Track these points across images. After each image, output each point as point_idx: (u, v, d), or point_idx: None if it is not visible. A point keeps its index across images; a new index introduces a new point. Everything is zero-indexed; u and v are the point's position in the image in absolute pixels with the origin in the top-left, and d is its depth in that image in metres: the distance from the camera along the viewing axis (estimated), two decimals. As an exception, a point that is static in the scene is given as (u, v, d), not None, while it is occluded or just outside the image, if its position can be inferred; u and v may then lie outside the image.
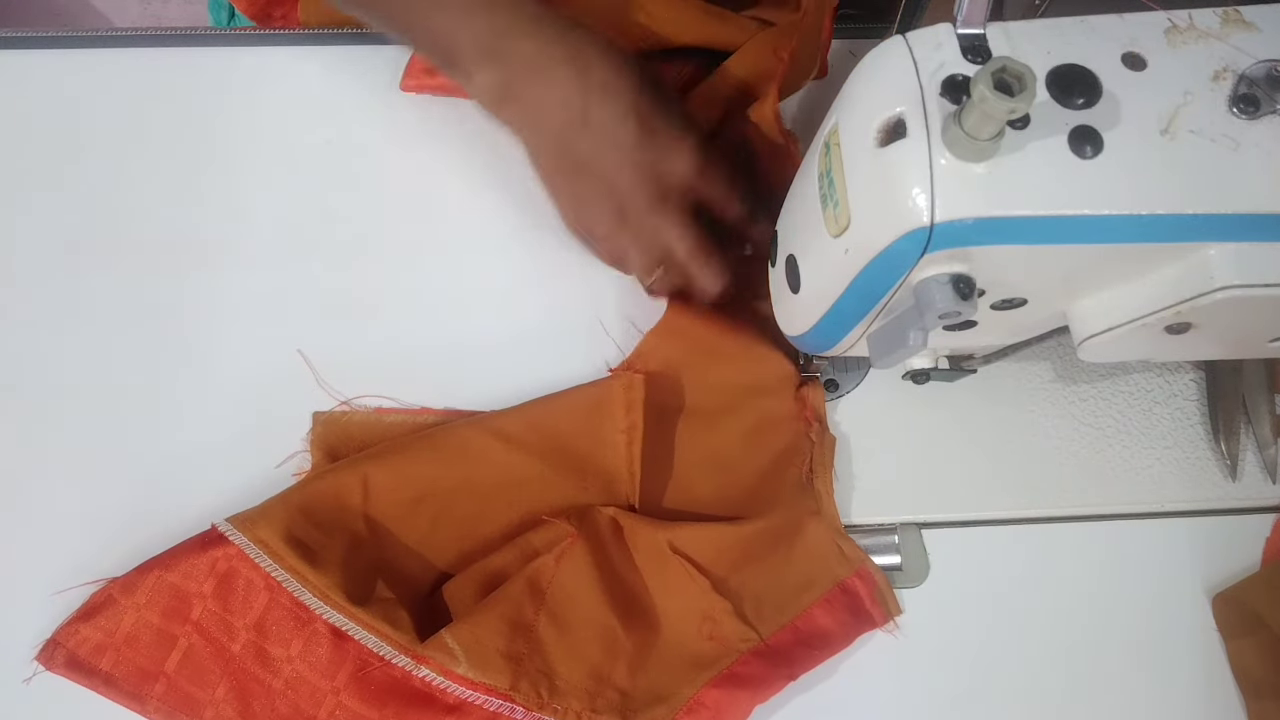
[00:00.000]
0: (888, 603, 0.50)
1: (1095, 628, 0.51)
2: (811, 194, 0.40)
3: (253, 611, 0.46)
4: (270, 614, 0.46)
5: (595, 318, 0.55)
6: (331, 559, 0.47)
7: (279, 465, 0.51)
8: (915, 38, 0.36)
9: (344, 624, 0.46)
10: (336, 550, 0.47)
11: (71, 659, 0.46)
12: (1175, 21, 0.36)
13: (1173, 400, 0.55)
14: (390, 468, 0.49)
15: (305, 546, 0.47)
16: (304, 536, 0.47)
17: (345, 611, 0.46)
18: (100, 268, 0.54)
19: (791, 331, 0.48)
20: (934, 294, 0.35)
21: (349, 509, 0.48)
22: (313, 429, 0.51)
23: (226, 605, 0.46)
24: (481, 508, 0.50)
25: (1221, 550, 0.52)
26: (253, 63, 0.59)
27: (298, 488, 0.49)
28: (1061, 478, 0.53)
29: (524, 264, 0.56)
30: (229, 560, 0.46)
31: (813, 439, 0.52)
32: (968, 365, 0.52)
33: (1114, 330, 0.40)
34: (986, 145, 0.33)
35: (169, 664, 0.46)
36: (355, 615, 0.46)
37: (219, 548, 0.46)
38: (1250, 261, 0.35)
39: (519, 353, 0.54)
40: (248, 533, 0.46)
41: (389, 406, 0.52)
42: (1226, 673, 0.50)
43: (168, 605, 0.46)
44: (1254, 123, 0.35)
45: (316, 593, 0.46)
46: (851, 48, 0.61)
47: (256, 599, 0.46)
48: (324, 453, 0.51)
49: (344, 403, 0.52)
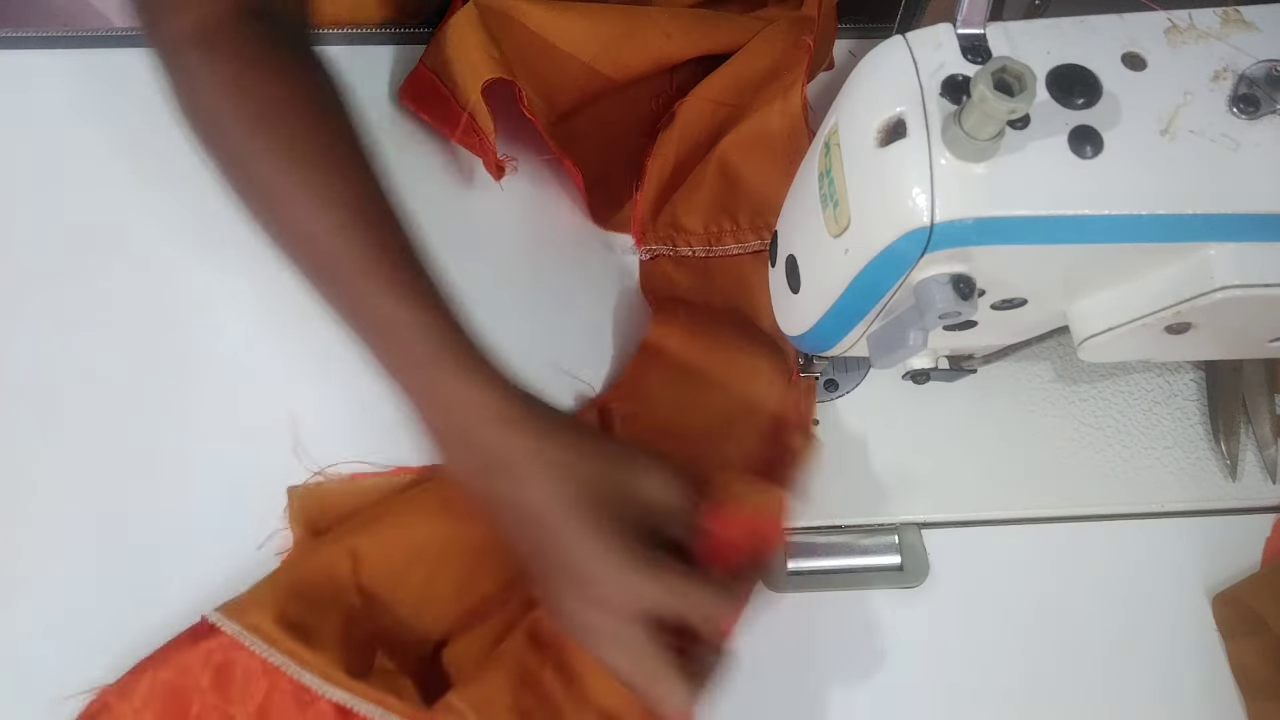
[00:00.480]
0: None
1: (1095, 628, 0.51)
2: (811, 194, 0.40)
3: (254, 699, 0.45)
4: (272, 699, 0.45)
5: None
6: (328, 636, 0.46)
7: (260, 546, 0.50)
8: (915, 38, 0.36)
9: (348, 700, 0.45)
10: (332, 627, 0.46)
11: None
12: (1175, 21, 0.36)
13: (1173, 400, 0.55)
14: (377, 536, 0.48)
15: (300, 627, 0.46)
16: (297, 617, 0.46)
17: (348, 687, 0.45)
18: (100, 268, 0.54)
19: (791, 331, 0.48)
20: (934, 294, 0.35)
21: (340, 583, 0.47)
22: (289, 504, 0.50)
23: (226, 696, 0.45)
24: (474, 563, 0.49)
25: (1221, 550, 0.52)
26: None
27: (284, 568, 0.48)
28: (1061, 478, 0.53)
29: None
30: (224, 650, 0.45)
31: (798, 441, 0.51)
32: (968, 365, 0.52)
33: (1114, 330, 0.40)
34: (986, 145, 0.33)
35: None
36: (358, 690, 0.45)
37: (212, 638, 0.45)
38: (1250, 261, 0.35)
39: None
40: (240, 620, 0.45)
41: (364, 471, 0.51)
42: (1226, 673, 0.50)
43: (165, 705, 0.45)
44: (1254, 123, 0.35)
45: (317, 672, 0.45)
46: (851, 48, 0.62)
47: (256, 686, 0.45)
48: (304, 527, 0.50)
49: (317, 473, 0.51)
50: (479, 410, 0.43)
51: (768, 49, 0.56)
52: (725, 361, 0.52)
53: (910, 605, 0.51)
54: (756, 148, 0.55)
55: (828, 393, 0.54)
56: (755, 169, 0.55)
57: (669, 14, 0.56)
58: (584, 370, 0.54)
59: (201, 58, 0.44)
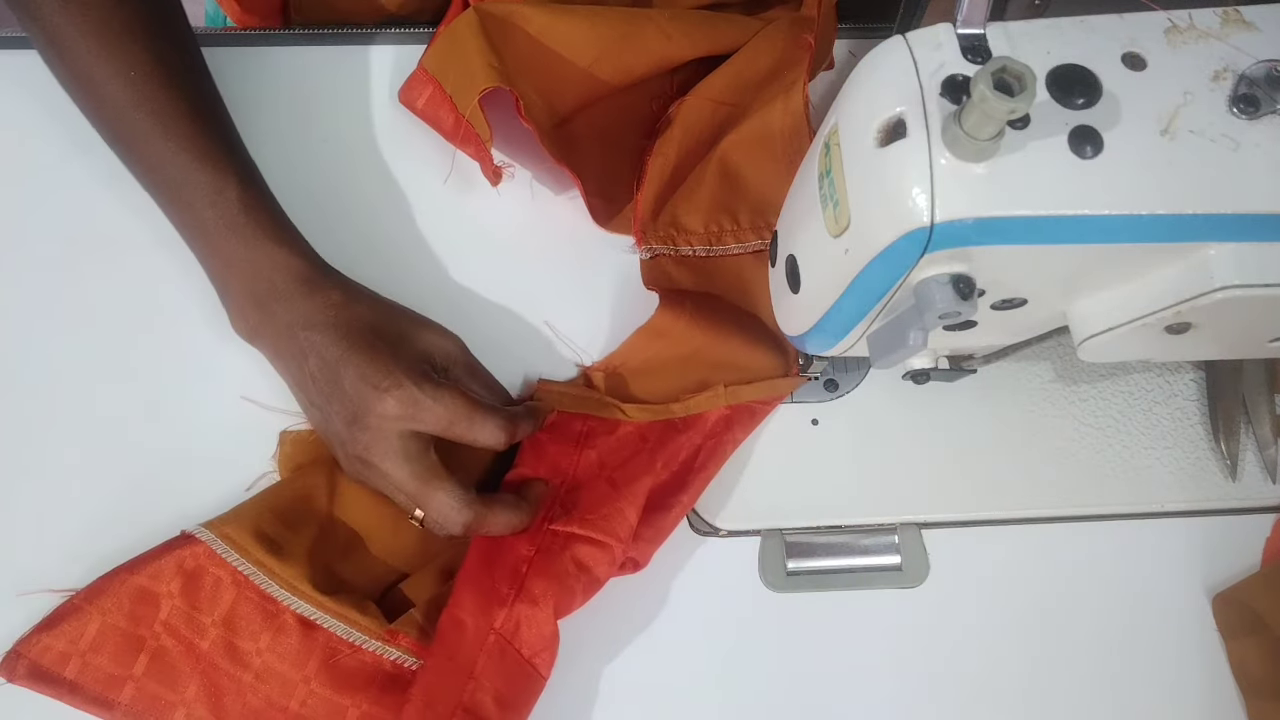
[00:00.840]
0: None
1: (1095, 628, 0.51)
2: (811, 194, 0.40)
3: (220, 607, 0.46)
4: (238, 608, 0.46)
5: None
6: (298, 552, 0.47)
7: (249, 488, 0.50)
8: (915, 38, 0.36)
9: (312, 613, 0.46)
10: (303, 544, 0.48)
11: (34, 669, 0.45)
12: (1175, 21, 0.36)
13: (1173, 400, 0.55)
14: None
15: (272, 541, 0.47)
16: (271, 532, 0.47)
17: (313, 601, 0.46)
18: (99, 268, 0.54)
19: (791, 331, 0.48)
20: (934, 294, 0.35)
21: (315, 509, 0.49)
22: (279, 447, 0.51)
23: (194, 603, 0.46)
24: None
25: (1221, 550, 0.52)
26: (253, 62, 0.59)
27: (266, 490, 0.49)
28: (1061, 478, 0.53)
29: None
30: (196, 559, 0.47)
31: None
32: (968, 365, 0.52)
33: (1114, 330, 0.40)
34: (986, 145, 0.33)
35: (137, 667, 0.46)
36: (323, 604, 0.46)
37: (186, 547, 0.47)
38: (1250, 261, 0.35)
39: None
40: (215, 530, 0.47)
41: None
42: (1226, 673, 0.50)
43: (134, 608, 0.46)
44: (1254, 123, 0.35)
45: (283, 584, 0.46)
46: (851, 48, 0.61)
47: (224, 594, 0.46)
48: (291, 472, 0.51)
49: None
50: (282, 271, 0.47)
51: (769, 48, 0.56)
52: (727, 353, 0.53)
53: (910, 605, 0.51)
54: (758, 148, 0.55)
55: (828, 393, 0.54)
56: (756, 169, 0.55)
57: (668, 15, 0.56)
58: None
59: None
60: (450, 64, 0.53)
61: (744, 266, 0.55)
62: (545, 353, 0.54)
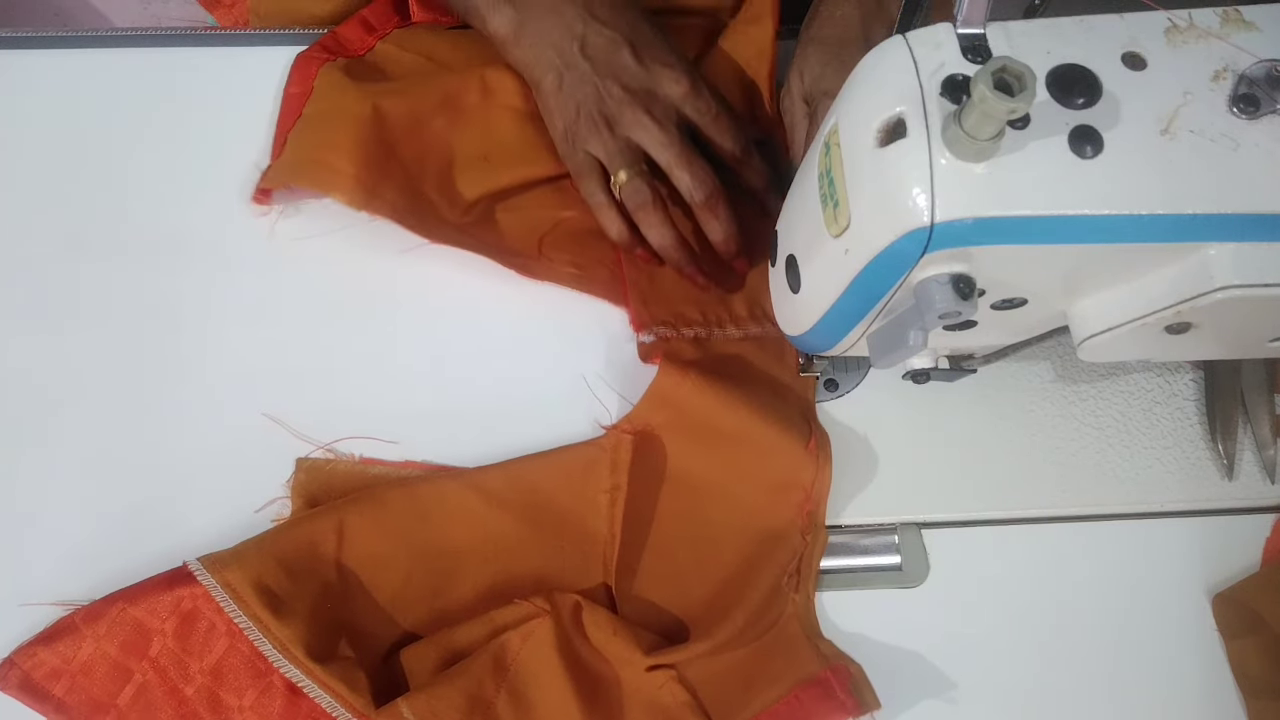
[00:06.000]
0: (864, 695, 0.46)
1: (1095, 628, 0.51)
2: (811, 194, 0.40)
3: (211, 655, 0.46)
4: (228, 660, 0.46)
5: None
6: (298, 610, 0.46)
7: (259, 510, 0.50)
8: (915, 38, 0.36)
9: (300, 680, 0.45)
10: (304, 600, 0.46)
11: (25, 681, 0.45)
12: (1175, 21, 0.36)
13: (1172, 400, 0.55)
14: (367, 516, 0.48)
15: (273, 595, 0.46)
16: (273, 584, 0.46)
17: (303, 667, 0.45)
18: (100, 268, 0.54)
19: (791, 331, 0.48)
20: (934, 294, 0.35)
21: (322, 556, 0.48)
22: (295, 474, 0.51)
23: (185, 646, 0.46)
24: (455, 565, 0.49)
25: (1221, 550, 0.52)
26: (253, 62, 0.59)
27: (274, 532, 0.48)
28: (1061, 478, 0.53)
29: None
30: (194, 600, 0.46)
31: (806, 539, 0.50)
32: (968, 365, 0.52)
33: (1114, 330, 0.40)
34: (986, 145, 0.33)
35: (122, 698, 0.45)
36: (313, 672, 0.45)
37: (185, 586, 0.46)
38: (1250, 261, 0.35)
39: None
40: (216, 575, 0.46)
41: (373, 457, 0.51)
42: (1226, 673, 0.50)
43: (127, 639, 0.46)
44: (1254, 123, 0.35)
45: (277, 645, 0.45)
46: (851, 48, 0.61)
47: (216, 643, 0.46)
48: (304, 500, 0.50)
49: (328, 447, 0.51)
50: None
51: (727, 64, 0.57)
52: (739, 423, 0.51)
53: (910, 605, 0.51)
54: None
55: (828, 392, 0.54)
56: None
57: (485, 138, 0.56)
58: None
59: None
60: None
61: (747, 351, 0.55)
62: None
